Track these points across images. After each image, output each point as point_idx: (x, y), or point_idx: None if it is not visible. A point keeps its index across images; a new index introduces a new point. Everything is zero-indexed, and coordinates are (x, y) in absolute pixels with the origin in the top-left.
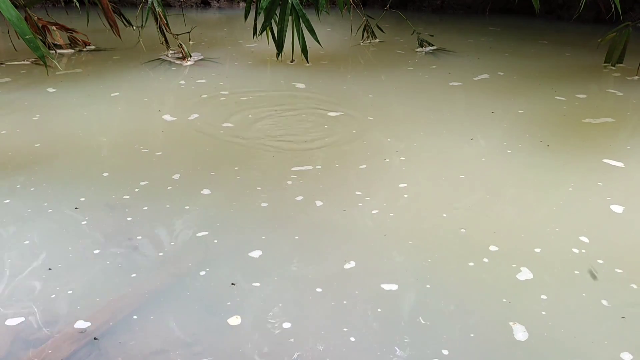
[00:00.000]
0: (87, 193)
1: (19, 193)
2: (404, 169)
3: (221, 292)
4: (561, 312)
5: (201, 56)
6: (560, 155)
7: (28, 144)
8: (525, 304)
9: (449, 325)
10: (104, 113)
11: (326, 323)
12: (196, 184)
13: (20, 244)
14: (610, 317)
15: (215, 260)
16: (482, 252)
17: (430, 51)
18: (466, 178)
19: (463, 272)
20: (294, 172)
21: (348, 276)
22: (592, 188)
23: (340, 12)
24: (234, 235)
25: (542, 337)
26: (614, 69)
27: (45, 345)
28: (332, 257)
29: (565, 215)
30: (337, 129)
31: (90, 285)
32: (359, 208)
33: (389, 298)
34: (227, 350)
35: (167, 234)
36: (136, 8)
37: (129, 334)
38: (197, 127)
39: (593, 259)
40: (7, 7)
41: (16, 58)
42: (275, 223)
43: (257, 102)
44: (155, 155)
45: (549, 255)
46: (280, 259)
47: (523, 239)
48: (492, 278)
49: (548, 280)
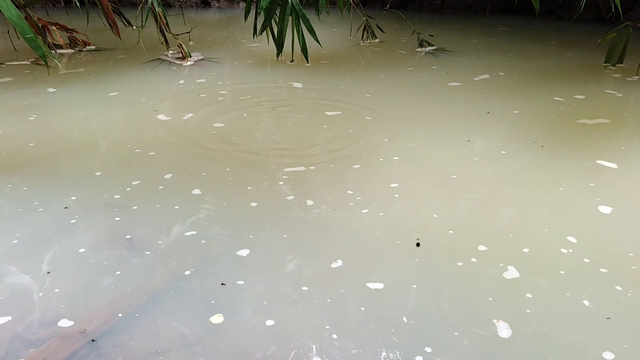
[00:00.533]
0: (78, 192)
1: (9, 193)
2: (397, 168)
3: (206, 290)
4: (545, 311)
5: (201, 56)
6: (554, 156)
7: (22, 144)
8: (510, 302)
9: (433, 324)
10: (101, 113)
11: (308, 321)
12: (187, 184)
13: (9, 244)
14: (594, 317)
15: (203, 259)
16: (471, 252)
17: (430, 51)
18: (458, 178)
19: (450, 272)
20: (286, 172)
21: (334, 275)
22: (584, 189)
23: (340, 12)
24: (223, 234)
25: (525, 335)
26: (614, 69)
27: (45, 345)
28: (320, 256)
29: (555, 215)
30: (334, 128)
31: (80, 285)
32: (349, 207)
33: (374, 297)
34: (211, 348)
35: (155, 234)
36: (136, 8)
37: (127, 334)
38: (191, 126)
39: (580, 259)
40: (8, 7)
41: (16, 58)
42: (265, 222)
43: (255, 101)
44: (149, 155)
45: (536, 255)
46: (268, 257)
47: (512, 239)
48: (479, 277)
49: (534, 280)
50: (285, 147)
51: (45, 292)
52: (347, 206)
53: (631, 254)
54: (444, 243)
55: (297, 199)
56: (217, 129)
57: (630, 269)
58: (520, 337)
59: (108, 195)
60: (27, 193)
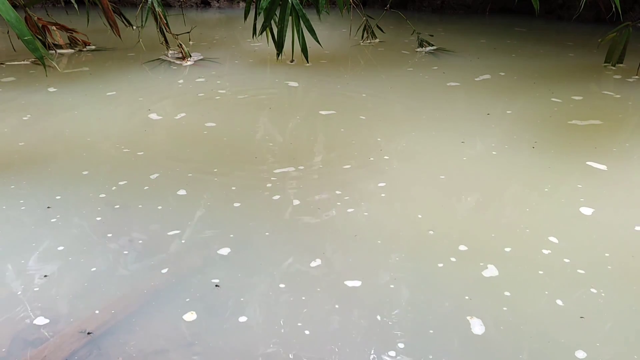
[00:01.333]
0: (64, 192)
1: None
2: (387, 168)
3: (180, 287)
4: (521, 309)
5: (201, 56)
6: (545, 157)
7: (13, 144)
8: (486, 300)
9: (407, 321)
10: (95, 113)
11: (282, 317)
12: (173, 184)
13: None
14: (568, 316)
15: (181, 257)
16: (451, 252)
17: (430, 51)
18: (446, 179)
19: (429, 271)
20: (275, 173)
21: (313, 273)
22: (570, 190)
23: (340, 12)
24: (205, 233)
25: (499, 332)
26: (614, 69)
27: (45, 345)
28: (300, 255)
29: (538, 216)
30: (327, 128)
31: (81, 285)
32: (335, 207)
33: (349, 295)
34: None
35: (138, 233)
36: (136, 8)
37: (127, 334)
38: (183, 126)
39: (560, 259)
40: (7, 9)
41: (16, 58)
42: (250, 221)
43: (252, 101)
44: (137, 154)
45: (517, 254)
46: (248, 256)
47: (494, 238)
48: (458, 276)
49: (513, 278)
50: (276, 147)
51: (45, 291)
52: (334, 206)
53: (607, 255)
54: (425, 243)
55: (283, 199)
56: (208, 129)
57: (606, 270)
58: (494, 334)
59: (94, 195)
60: (15, 192)
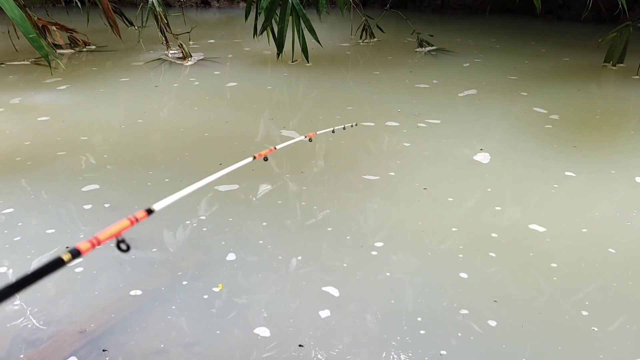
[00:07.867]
0: (64, 191)
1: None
2: (372, 166)
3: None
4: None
5: (202, 56)
6: (531, 159)
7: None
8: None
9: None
10: (90, 112)
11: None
12: (173, 182)
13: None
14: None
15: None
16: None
17: (430, 51)
18: (430, 179)
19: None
20: (252, 173)
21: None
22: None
23: (341, 11)
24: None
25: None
26: (614, 69)
27: (45, 345)
28: (282, 254)
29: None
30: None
31: (79, 285)
32: (312, 210)
33: (322, 294)
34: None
35: (137, 234)
36: (136, 8)
37: (127, 334)
38: (184, 126)
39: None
40: (11, 7)
41: (16, 58)
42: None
43: (251, 101)
44: (137, 154)
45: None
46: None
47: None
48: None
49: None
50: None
51: (46, 292)
52: (310, 208)
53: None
54: (411, 240)
55: (266, 201)
56: (209, 129)
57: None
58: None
59: (94, 194)
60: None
